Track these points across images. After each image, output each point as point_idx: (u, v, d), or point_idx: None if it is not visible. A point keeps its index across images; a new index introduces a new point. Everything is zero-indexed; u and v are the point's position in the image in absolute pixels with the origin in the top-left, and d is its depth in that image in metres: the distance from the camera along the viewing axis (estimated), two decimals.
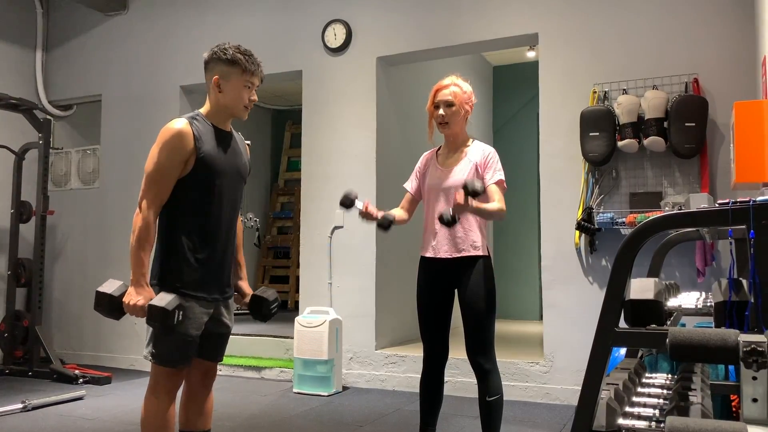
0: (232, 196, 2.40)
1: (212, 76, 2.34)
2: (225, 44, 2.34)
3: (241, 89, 2.34)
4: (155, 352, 2.27)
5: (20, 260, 5.71)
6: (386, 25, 5.08)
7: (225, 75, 2.32)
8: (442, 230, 2.78)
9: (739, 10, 4.00)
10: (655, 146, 4.03)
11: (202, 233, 2.31)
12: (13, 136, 5.90)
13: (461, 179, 2.74)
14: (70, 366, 5.37)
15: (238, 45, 2.36)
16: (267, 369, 5.23)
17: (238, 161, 2.42)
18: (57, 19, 6.50)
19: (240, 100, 2.35)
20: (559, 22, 4.52)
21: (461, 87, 2.83)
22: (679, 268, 4.03)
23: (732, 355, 1.27)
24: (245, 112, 2.40)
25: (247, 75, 2.33)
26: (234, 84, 2.32)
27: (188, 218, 2.30)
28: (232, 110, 2.37)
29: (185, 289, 2.27)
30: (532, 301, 7.47)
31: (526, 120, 7.45)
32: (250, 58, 2.33)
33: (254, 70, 2.34)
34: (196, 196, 2.28)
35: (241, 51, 2.33)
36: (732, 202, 1.49)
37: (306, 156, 5.36)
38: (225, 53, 2.31)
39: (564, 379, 4.28)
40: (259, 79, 2.39)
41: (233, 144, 2.43)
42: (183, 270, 2.28)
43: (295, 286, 7.94)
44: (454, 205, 2.56)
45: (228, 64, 2.31)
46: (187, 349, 2.29)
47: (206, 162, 2.28)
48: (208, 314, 2.34)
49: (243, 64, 2.31)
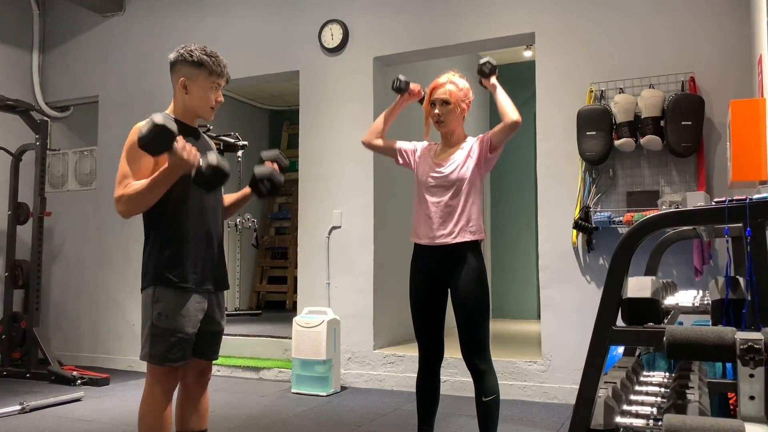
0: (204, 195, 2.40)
1: (179, 77, 2.35)
2: (191, 46, 2.36)
3: (207, 90, 2.36)
4: (151, 352, 2.27)
5: (17, 262, 5.70)
6: (383, 26, 5.08)
7: (191, 76, 2.34)
8: (433, 218, 2.76)
9: (735, 10, 4.01)
10: (652, 145, 4.03)
11: (188, 227, 2.32)
12: (10, 138, 5.89)
13: (453, 174, 2.75)
14: (68, 367, 5.36)
15: (204, 46, 2.38)
16: (265, 369, 5.22)
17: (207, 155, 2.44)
18: (54, 20, 6.50)
19: (207, 101, 2.37)
20: (555, 22, 4.52)
21: (457, 85, 2.82)
22: (677, 266, 4.04)
23: (729, 353, 1.27)
24: (211, 113, 2.42)
25: (213, 77, 2.35)
26: (200, 85, 2.34)
27: (172, 215, 2.31)
28: (198, 111, 2.39)
29: (182, 283, 2.28)
30: (530, 300, 7.48)
31: (523, 119, 7.36)
32: (216, 59, 2.36)
33: (220, 71, 2.37)
34: (177, 191, 2.28)
35: (207, 53, 2.35)
36: (728, 201, 1.49)
37: (303, 156, 5.36)
38: (191, 55, 2.33)
39: (562, 378, 4.29)
40: (225, 80, 2.42)
41: (202, 141, 2.46)
42: (176, 265, 2.29)
43: (293, 287, 7.95)
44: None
45: (194, 65, 2.33)
46: (183, 347, 2.29)
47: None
48: (203, 311, 2.35)
49: (209, 65, 2.33)
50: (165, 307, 2.27)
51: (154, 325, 2.26)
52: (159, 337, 2.26)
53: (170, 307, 2.26)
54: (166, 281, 2.27)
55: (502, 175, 7.68)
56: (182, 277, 2.29)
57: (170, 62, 2.38)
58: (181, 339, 2.28)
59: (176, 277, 2.28)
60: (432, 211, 2.78)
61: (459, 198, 2.75)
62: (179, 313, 2.26)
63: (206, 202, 2.38)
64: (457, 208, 2.75)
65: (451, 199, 2.75)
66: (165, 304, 2.27)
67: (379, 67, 5.18)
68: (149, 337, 2.28)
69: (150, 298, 2.30)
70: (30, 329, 5.41)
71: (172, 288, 2.27)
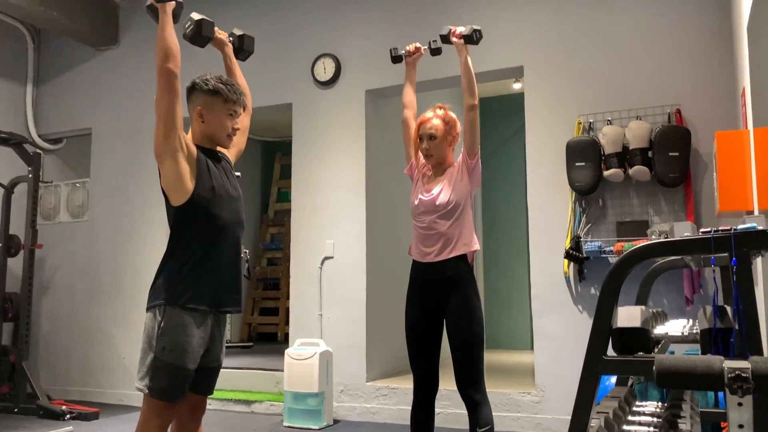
0: (234, 213, 2.41)
1: (195, 106, 2.38)
2: (206, 75, 2.40)
3: (223, 118, 2.39)
4: (151, 386, 2.24)
5: (8, 295, 5.66)
6: (374, 59, 5.15)
7: (208, 105, 2.37)
8: (426, 242, 2.82)
9: (719, 43, 4.11)
10: (640, 175, 4.09)
11: (210, 250, 2.32)
12: (3, 170, 5.90)
13: (443, 199, 2.81)
14: (57, 402, 5.29)
15: (219, 75, 2.43)
16: (257, 402, 5.17)
17: (231, 178, 2.46)
18: (48, 53, 6.56)
19: (223, 129, 2.40)
20: (543, 56, 4.61)
21: (443, 119, 2.90)
22: (668, 295, 4.06)
23: (717, 382, 1.29)
24: (229, 141, 2.45)
25: (229, 104, 2.38)
26: (217, 114, 2.37)
27: (195, 240, 2.31)
28: (215, 139, 2.42)
29: (195, 305, 2.26)
30: (523, 330, 7.46)
31: (513, 150, 7.53)
32: (231, 87, 2.39)
33: (236, 99, 2.40)
34: (201, 217, 2.29)
35: (222, 81, 2.39)
36: (714, 231, 1.52)
37: (296, 187, 5.38)
38: (207, 84, 2.37)
39: (556, 409, 4.26)
40: (242, 108, 2.45)
41: (223, 164, 2.47)
42: (190, 286, 2.27)
43: (284, 318, 7.90)
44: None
45: (210, 94, 2.36)
46: (183, 383, 2.27)
47: (204, 180, 2.30)
48: (204, 347, 2.33)
49: (225, 93, 2.37)
50: (170, 342, 2.23)
51: (157, 359, 2.23)
52: (161, 371, 2.23)
53: (175, 343, 2.23)
54: (176, 301, 2.24)
55: (494, 206, 7.74)
56: (197, 300, 2.27)
57: (187, 90, 2.40)
58: (183, 375, 2.25)
59: (190, 299, 2.26)
60: (423, 233, 2.84)
61: (448, 220, 2.80)
62: (184, 349, 2.24)
63: (229, 230, 2.38)
64: (447, 230, 2.80)
65: (440, 220, 2.81)
66: (170, 338, 2.23)
67: (371, 99, 5.25)
68: (151, 370, 2.25)
69: (155, 321, 2.25)
70: (19, 363, 5.35)
71: (181, 309, 2.25)
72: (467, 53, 2.98)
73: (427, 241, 2.83)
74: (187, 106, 2.41)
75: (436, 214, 2.82)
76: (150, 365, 2.24)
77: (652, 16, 4.31)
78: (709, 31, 4.15)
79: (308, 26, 5.41)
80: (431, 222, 2.82)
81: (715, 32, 4.13)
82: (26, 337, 5.45)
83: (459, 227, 2.82)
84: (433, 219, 2.82)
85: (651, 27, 4.31)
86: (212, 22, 2.63)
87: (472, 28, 2.98)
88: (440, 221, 2.81)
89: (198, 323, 2.29)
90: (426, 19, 5.01)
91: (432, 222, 2.82)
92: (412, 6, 5.08)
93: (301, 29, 5.43)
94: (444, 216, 2.81)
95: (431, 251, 2.81)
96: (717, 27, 4.12)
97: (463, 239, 2.81)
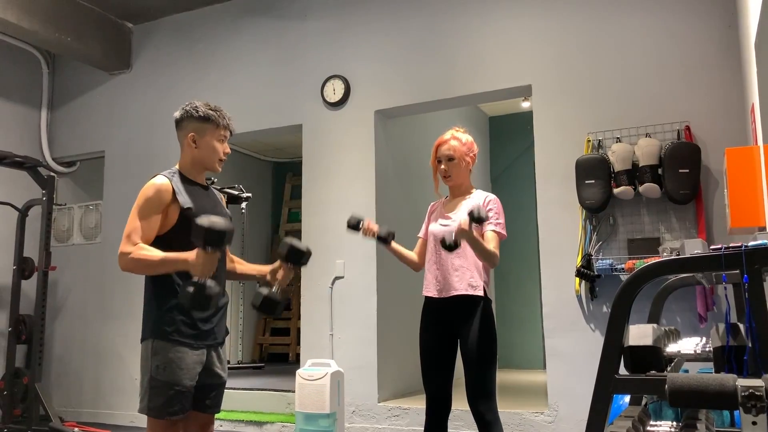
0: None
1: (186, 133, 2.45)
2: (195, 102, 2.47)
3: (215, 143, 2.46)
4: (150, 405, 2.28)
5: (21, 317, 5.70)
6: (384, 80, 5.20)
7: (199, 131, 2.44)
8: (441, 270, 2.84)
9: (727, 60, 4.11)
10: (651, 193, 4.08)
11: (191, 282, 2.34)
12: (17, 193, 5.97)
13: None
14: (70, 423, 5.30)
15: (206, 102, 2.49)
16: (268, 424, 5.15)
17: (219, 210, 2.50)
18: (62, 78, 6.67)
19: (215, 154, 2.47)
20: (551, 74, 4.63)
21: (460, 140, 2.95)
22: (681, 313, 4.02)
23: (731, 400, 1.28)
24: (220, 165, 2.52)
25: (220, 129, 2.46)
26: (208, 139, 2.45)
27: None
28: (207, 164, 2.49)
29: (180, 338, 2.29)
30: (536, 350, 7.41)
31: (522, 168, 7.54)
32: (220, 113, 2.47)
33: (226, 124, 2.49)
34: (183, 246, 2.31)
35: (211, 108, 2.47)
36: (724, 248, 1.52)
37: (306, 207, 5.41)
38: (197, 111, 2.44)
39: (569, 429, 4.22)
40: (230, 132, 2.52)
41: (211, 194, 2.55)
42: (176, 320, 2.30)
43: (296, 338, 7.89)
44: (457, 230, 2.64)
45: (201, 120, 2.44)
46: (181, 400, 2.28)
47: (190, 213, 2.33)
48: (201, 364, 2.35)
49: (216, 119, 2.45)
50: (163, 360, 2.28)
51: (153, 378, 2.28)
52: (157, 390, 2.26)
53: (168, 360, 2.27)
54: (164, 335, 2.29)
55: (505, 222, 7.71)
56: (180, 332, 2.30)
57: (176, 120, 2.48)
58: (179, 392, 2.28)
59: (174, 333, 2.30)
60: (441, 263, 2.86)
61: (464, 249, 2.79)
62: (178, 366, 2.27)
63: (221, 263, 2.42)
64: (464, 260, 2.81)
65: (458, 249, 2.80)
66: (163, 357, 2.28)
67: (380, 119, 5.29)
68: (148, 390, 2.29)
69: (148, 351, 2.32)
70: (32, 385, 5.36)
71: (169, 342, 2.29)
72: (471, 233, 2.69)
73: (446, 272, 2.85)
74: (177, 134, 2.49)
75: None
76: (147, 385, 2.28)
77: (660, 33, 4.33)
78: (717, 47, 4.16)
79: (318, 48, 5.47)
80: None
81: (723, 48, 4.14)
82: (39, 359, 5.47)
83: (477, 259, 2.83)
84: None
85: (659, 44, 4.32)
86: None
87: (471, 214, 2.64)
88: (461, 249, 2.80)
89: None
90: (435, 40, 5.06)
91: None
92: (421, 28, 5.13)
93: (311, 51, 5.50)
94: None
95: (450, 285, 2.83)
96: (725, 43, 4.13)
97: (482, 276, 2.85)
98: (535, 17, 4.73)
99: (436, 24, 5.07)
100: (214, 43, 5.92)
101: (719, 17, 4.16)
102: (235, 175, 7.29)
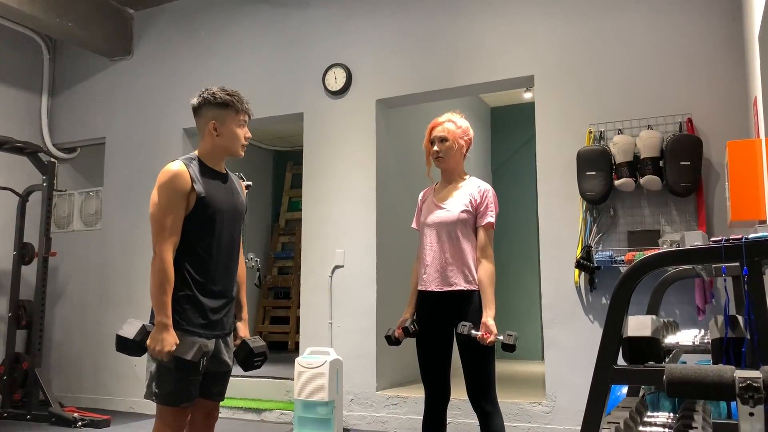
0: (232, 233, 2.44)
1: (207, 120, 2.41)
2: (212, 88, 2.43)
3: (236, 129, 2.43)
4: (158, 392, 2.27)
5: (21, 302, 5.71)
6: (385, 69, 5.18)
7: (219, 118, 2.40)
8: (433, 263, 2.82)
9: (730, 52, 4.10)
10: (652, 185, 4.07)
11: (204, 271, 2.34)
12: (18, 179, 5.97)
13: (452, 214, 2.81)
14: (69, 409, 5.32)
15: (223, 86, 2.46)
16: (267, 411, 5.17)
17: (235, 199, 2.49)
18: (63, 64, 6.64)
19: (237, 140, 2.45)
20: (553, 65, 4.62)
21: (455, 123, 2.91)
22: (680, 306, 4.03)
23: (728, 391, 1.28)
24: (243, 150, 2.50)
25: (240, 114, 2.44)
26: (229, 125, 2.42)
27: (190, 257, 2.33)
28: (230, 150, 2.46)
29: (189, 327, 2.29)
30: (534, 341, 7.40)
31: (523, 160, 7.53)
32: (238, 97, 2.44)
33: (246, 108, 2.46)
34: (197, 235, 2.32)
35: (228, 92, 2.43)
36: (725, 240, 1.52)
37: (306, 196, 5.41)
38: (215, 97, 2.40)
39: (566, 419, 4.24)
40: (249, 116, 2.50)
41: (230, 183, 2.51)
42: (186, 309, 2.30)
43: (295, 327, 7.91)
44: (482, 340, 2.66)
45: (220, 107, 2.40)
46: (189, 388, 2.29)
47: (206, 202, 2.33)
48: (209, 352, 2.35)
49: (235, 105, 2.42)
50: None
51: (162, 365, 2.27)
52: (166, 376, 2.26)
53: (177, 347, 2.27)
54: (174, 324, 2.28)
55: (504, 215, 7.70)
56: (191, 322, 2.30)
57: (194, 107, 2.44)
58: (188, 379, 2.28)
59: (185, 321, 2.29)
60: (433, 254, 2.83)
61: (457, 239, 2.79)
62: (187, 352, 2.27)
63: (224, 250, 2.41)
64: (455, 251, 2.80)
65: (449, 239, 2.79)
66: None
67: (382, 109, 5.27)
68: (156, 376, 2.28)
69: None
70: (32, 370, 5.39)
71: (179, 331, 2.28)
72: (489, 324, 2.73)
73: (438, 264, 2.82)
74: (195, 120, 2.44)
75: (449, 228, 2.82)
76: (155, 371, 2.27)
77: (663, 25, 4.31)
78: (721, 40, 4.14)
79: (319, 36, 5.45)
80: (445, 238, 2.82)
81: (726, 41, 4.12)
82: (39, 345, 5.49)
83: (469, 251, 2.81)
84: (447, 234, 2.82)
85: (662, 36, 4.30)
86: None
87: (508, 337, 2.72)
88: (453, 239, 2.81)
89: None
90: (437, 29, 5.03)
91: (446, 238, 2.82)
92: (423, 17, 5.10)
93: (313, 39, 5.47)
94: (455, 233, 2.81)
95: (442, 279, 2.81)
96: (728, 36, 4.11)
97: (471, 255, 2.82)
98: (539, 8, 4.71)
99: (438, 13, 5.05)
100: (215, 30, 5.89)
101: (723, 9, 4.14)
102: (235, 163, 7.25)
